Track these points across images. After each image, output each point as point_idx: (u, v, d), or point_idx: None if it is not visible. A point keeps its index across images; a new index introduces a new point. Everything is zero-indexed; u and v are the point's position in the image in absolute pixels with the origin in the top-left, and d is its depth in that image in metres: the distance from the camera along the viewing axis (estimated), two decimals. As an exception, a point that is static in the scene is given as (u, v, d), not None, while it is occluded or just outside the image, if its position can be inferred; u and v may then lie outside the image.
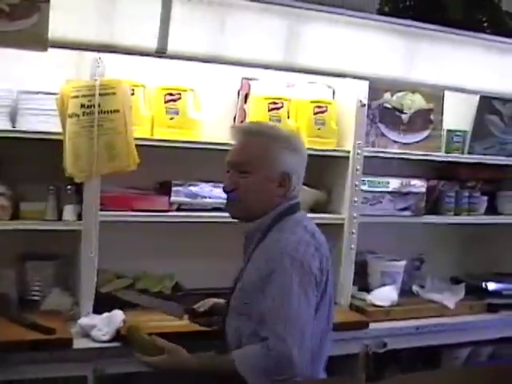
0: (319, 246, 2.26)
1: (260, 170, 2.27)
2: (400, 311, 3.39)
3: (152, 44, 2.77)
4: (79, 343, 2.70)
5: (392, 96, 3.53)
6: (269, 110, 3.22)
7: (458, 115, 3.77)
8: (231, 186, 2.31)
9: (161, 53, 2.78)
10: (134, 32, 2.74)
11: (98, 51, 2.75)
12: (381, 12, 3.61)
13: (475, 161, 3.75)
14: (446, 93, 3.64)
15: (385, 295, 3.41)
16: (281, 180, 2.29)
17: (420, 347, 3.41)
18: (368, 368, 3.22)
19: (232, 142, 2.43)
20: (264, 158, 2.27)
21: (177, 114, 3.08)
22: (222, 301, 2.61)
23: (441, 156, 3.68)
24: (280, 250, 2.19)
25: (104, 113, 2.83)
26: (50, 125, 2.86)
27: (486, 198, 3.88)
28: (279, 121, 3.21)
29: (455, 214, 3.73)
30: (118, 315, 2.82)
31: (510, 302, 3.67)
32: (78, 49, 2.71)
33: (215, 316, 2.60)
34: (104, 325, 2.78)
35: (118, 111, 2.85)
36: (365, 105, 3.33)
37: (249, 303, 2.22)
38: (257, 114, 3.22)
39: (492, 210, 3.94)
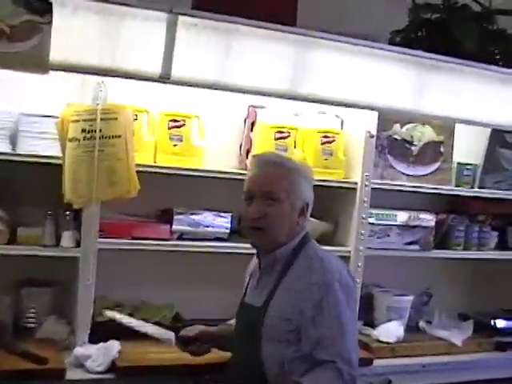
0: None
1: (287, 199, 2.32)
2: (406, 348, 3.29)
3: (156, 69, 2.71)
4: (72, 374, 2.63)
5: (402, 127, 3.46)
6: (275, 139, 3.17)
7: (468, 148, 3.70)
8: (259, 213, 2.31)
9: (165, 78, 2.72)
10: (137, 56, 2.68)
11: (100, 75, 2.69)
12: (392, 42, 3.56)
13: (486, 195, 3.66)
14: (457, 125, 3.57)
15: (390, 331, 3.32)
16: (301, 210, 2.37)
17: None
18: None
19: (249, 171, 2.45)
20: (292, 189, 2.33)
21: (180, 140, 3.02)
22: (210, 329, 2.66)
23: (451, 189, 3.60)
24: (327, 276, 2.24)
25: (105, 138, 2.77)
26: (51, 148, 2.81)
27: (496, 233, 3.79)
28: (285, 150, 3.15)
29: (464, 249, 3.65)
30: (113, 346, 2.75)
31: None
32: (80, 72, 2.64)
33: (205, 344, 2.62)
34: (99, 355, 2.70)
35: (119, 137, 2.79)
36: (373, 136, 3.27)
37: (294, 330, 2.22)
38: (263, 142, 3.16)
39: (502, 245, 3.84)
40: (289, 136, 3.18)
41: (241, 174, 3.12)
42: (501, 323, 3.62)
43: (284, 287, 2.31)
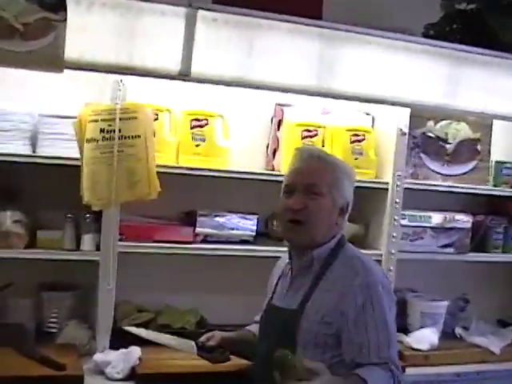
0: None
1: (329, 194, 2.21)
2: (440, 356, 3.14)
3: (175, 66, 2.63)
4: (91, 381, 2.56)
5: (435, 125, 3.32)
6: (302, 138, 3.06)
7: (507, 146, 3.54)
8: (300, 204, 2.19)
9: (184, 76, 2.63)
10: (155, 53, 2.60)
11: (117, 73, 2.62)
12: (426, 36, 3.41)
13: (522, 194, 3.50)
14: (495, 122, 3.41)
15: (424, 338, 3.17)
16: (341, 209, 2.26)
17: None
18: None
19: (290, 165, 2.31)
20: (334, 184, 2.23)
21: (203, 140, 2.93)
22: (229, 334, 2.52)
23: (488, 189, 3.44)
24: (370, 278, 2.13)
25: (124, 138, 2.70)
26: (71, 150, 2.74)
27: (537, 234, 3.61)
28: (313, 150, 3.03)
29: (503, 252, 3.48)
30: (134, 352, 2.68)
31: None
32: (96, 70, 2.57)
33: (226, 351, 2.47)
34: (119, 362, 2.63)
35: (139, 137, 2.71)
36: (405, 133, 3.13)
37: (333, 334, 2.11)
38: (290, 141, 3.05)
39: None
40: (316, 135, 3.07)
41: (267, 174, 3.03)
42: (541, 330, 3.44)
43: (322, 288, 2.18)
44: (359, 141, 3.14)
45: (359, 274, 2.13)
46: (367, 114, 3.27)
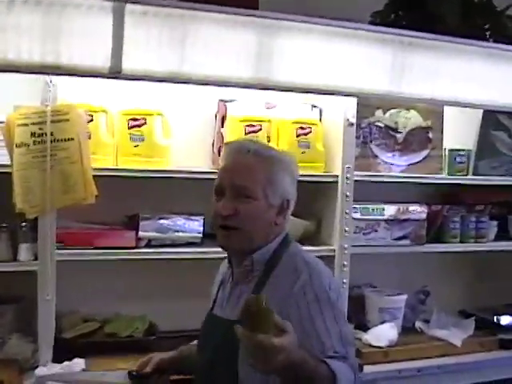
0: None
1: (264, 195, 2.00)
2: (400, 351, 3.05)
3: (104, 63, 2.50)
4: (32, 397, 2.43)
5: (384, 113, 3.22)
6: (246, 133, 2.94)
7: (459, 133, 3.45)
8: (230, 210, 1.98)
9: (115, 73, 2.51)
10: (82, 51, 2.46)
11: (44, 73, 2.50)
12: (372, 24, 3.32)
13: (482, 182, 3.42)
14: (446, 108, 3.33)
15: (383, 334, 3.08)
16: (280, 207, 2.04)
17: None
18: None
19: (221, 162, 2.13)
20: (269, 183, 2.00)
21: (142, 140, 2.81)
22: (170, 354, 2.33)
23: (443, 178, 3.36)
24: (315, 280, 1.93)
25: (57, 141, 2.58)
26: (2, 157, 2.61)
27: (495, 222, 3.53)
28: (257, 145, 2.92)
29: (461, 242, 3.39)
30: (78, 364, 2.56)
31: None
32: (20, 72, 2.43)
33: (163, 375, 2.30)
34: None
35: (72, 139, 2.60)
36: (353, 124, 3.02)
37: None
38: (234, 137, 2.92)
39: (503, 235, 3.59)
40: (260, 129, 2.96)
41: (211, 172, 2.91)
42: (505, 320, 3.38)
43: (266, 295, 1.93)
44: (305, 134, 3.03)
45: (302, 276, 1.93)
46: (314, 107, 3.16)
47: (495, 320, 3.37)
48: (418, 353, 3.08)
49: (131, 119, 2.81)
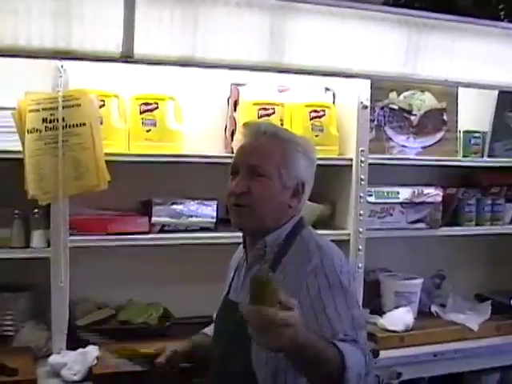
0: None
1: (278, 175, 1.97)
2: (416, 336, 3.02)
3: (116, 48, 2.47)
4: (46, 385, 2.42)
5: (398, 96, 3.18)
6: (259, 117, 2.90)
7: (474, 115, 3.41)
8: (242, 188, 1.97)
9: (126, 57, 2.47)
10: (94, 36, 2.43)
11: (55, 58, 2.47)
12: (386, 4, 3.27)
13: (497, 164, 3.38)
14: (460, 90, 3.28)
15: (399, 318, 3.06)
16: (295, 190, 2.01)
17: (440, 376, 3.04)
18: (381, 401, 2.87)
19: (239, 143, 2.11)
20: (283, 163, 1.98)
21: (154, 125, 2.78)
22: (179, 348, 2.28)
23: (458, 160, 3.32)
24: (327, 262, 1.90)
25: (69, 127, 2.56)
26: (14, 143, 2.58)
27: (511, 204, 3.49)
28: (270, 129, 2.89)
29: (477, 225, 3.36)
30: (91, 352, 2.54)
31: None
32: (31, 57, 2.41)
33: (174, 367, 2.26)
34: (75, 363, 2.49)
35: (84, 125, 2.58)
36: (367, 107, 2.99)
37: None
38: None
39: (519, 218, 3.55)
40: (273, 113, 2.92)
41: (224, 157, 2.89)
42: (521, 303, 3.32)
43: (278, 279, 1.86)
44: (319, 117, 2.99)
45: (313, 259, 1.90)
46: (327, 90, 3.12)
47: (512, 304, 3.33)
48: (434, 337, 3.05)
49: (143, 104, 2.78)
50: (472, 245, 3.57)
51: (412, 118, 3.21)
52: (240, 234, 2.15)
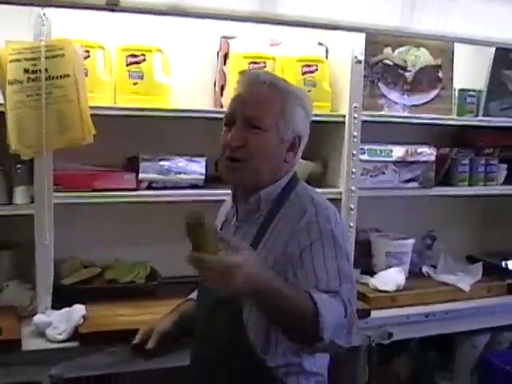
0: None
1: (276, 128, 1.90)
2: (407, 296, 2.99)
3: (101, -5, 2.36)
4: (30, 344, 2.35)
5: (393, 51, 3.08)
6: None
7: (470, 72, 3.33)
8: (238, 141, 1.88)
9: (112, 5, 2.36)
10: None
11: (38, 5, 2.35)
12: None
13: (492, 124, 3.31)
14: (456, 46, 3.19)
15: (390, 278, 3.02)
16: (292, 143, 1.94)
17: (431, 336, 3.04)
18: (372, 362, 2.83)
19: (235, 92, 2.01)
20: (282, 116, 1.91)
21: (141, 78, 2.68)
22: (166, 324, 2.22)
23: (452, 119, 3.23)
24: (321, 217, 1.84)
25: (52, 78, 2.45)
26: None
27: (505, 165, 3.44)
28: (262, 83, 2.80)
29: (470, 185, 3.30)
30: (77, 311, 2.47)
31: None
32: (11, 3, 2.30)
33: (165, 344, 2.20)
34: (61, 322, 2.43)
35: (68, 76, 2.46)
36: (361, 61, 2.90)
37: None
38: (236, 75, 2.81)
39: (512, 178, 3.51)
40: (265, 67, 2.82)
41: (214, 112, 2.79)
42: (512, 264, 3.30)
43: (270, 236, 1.88)
44: (311, 72, 2.90)
45: (307, 213, 1.84)
46: (320, 44, 3.02)
47: (503, 265, 3.31)
48: (425, 298, 3.02)
49: (130, 55, 2.67)
50: (464, 205, 3.53)
51: (406, 74, 3.12)
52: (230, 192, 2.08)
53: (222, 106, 2.91)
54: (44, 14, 2.42)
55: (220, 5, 2.52)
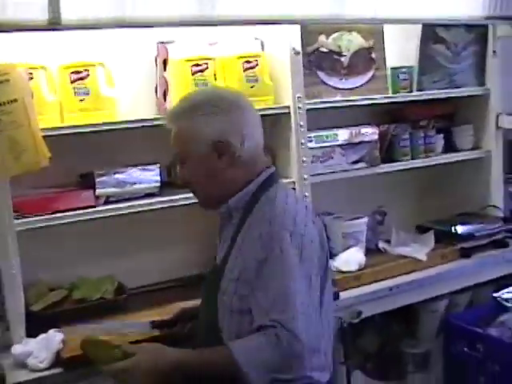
0: (313, 216, 2.00)
1: (190, 152, 1.97)
2: (370, 273, 3.06)
3: (42, 15, 2.31)
4: (14, 377, 2.30)
5: (327, 38, 3.14)
6: (192, 74, 2.81)
7: (400, 50, 3.43)
8: (182, 178, 2.06)
9: (54, 24, 2.32)
10: (17, 4, 2.28)
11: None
12: None
13: (426, 97, 3.43)
14: (386, 26, 3.28)
15: (351, 259, 3.08)
16: (216, 151, 1.95)
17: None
18: (346, 342, 2.91)
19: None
20: (187, 137, 1.96)
21: (87, 94, 2.65)
22: (189, 304, 2.34)
23: (389, 97, 3.32)
24: (275, 226, 1.86)
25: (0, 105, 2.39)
26: None
27: (441, 135, 3.57)
28: (206, 84, 2.81)
29: (412, 159, 3.41)
30: (55, 336, 2.42)
31: (482, 243, 3.39)
32: None
33: (188, 323, 2.28)
34: (40, 350, 2.37)
35: (15, 101, 2.40)
36: (299, 52, 2.95)
37: (247, 294, 1.85)
38: (180, 79, 2.82)
39: (449, 147, 3.63)
40: (207, 68, 2.83)
41: (158, 119, 2.77)
42: (461, 228, 3.43)
43: (243, 240, 1.94)
44: (252, 67, 2.92)
45: (264, 221, 1.88)
46: (256, 39, 3.05)
47: (453, 230, 3.42)
48: (387, 272, 3.10)
49: (73, 72, 2.63)
50: (406, 178, 3.62)
51: (342, 59, 3.18)
52: (186, 195, 2.32)
53: (166, 112, 2.91)
54: (-17, 40, 2.37)
55: (161, 13, 2.53)
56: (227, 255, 1.97)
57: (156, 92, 2.97)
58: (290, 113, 2.99)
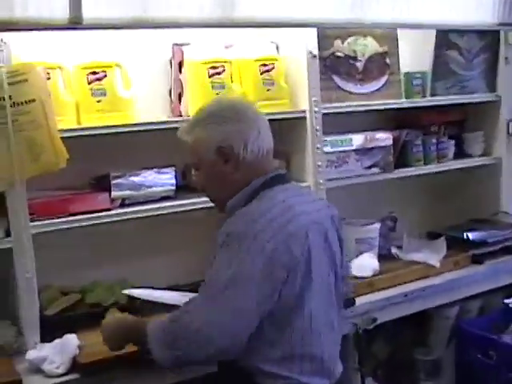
0: (293, 220, 1.95)
1: (201, 159, 2.07)
2: (385, 279, 3.05)
3: (63, 14, 2.28)
4: (31, 383, 2.25)
5: (343, 43, 3.13)
6: (209, 76, 2.79)
7: (414, 55, 3.43)
8: (198, 186, 2.17)
9: (76, 23, 2.29)
10: (38, 2, 2.24)
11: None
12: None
13: (439, 103, 3.43)
14: (400, 32, 3.28)
15: (365, 264, 3.06)
16: (221, 156, 2.03)
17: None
18: (361, 349, 2.89)
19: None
20: (199, 146, 2.06)
21: (104, 95, 2.61)
22: None
23: (403, 102, 3.32)
24: (232, 227, 1.94)
25: (17, 105, 2.35)
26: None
27: (453, 141, 3.57)
28: (223, 87, 2.79)
29: (425, 164, 3.40)
30: (71, 340, 2.37)
31: (494, 249, 3.39)
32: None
33: None
34: (56, 355, 2.32)
35: (33, 101, 2.37)
36: (315, 56, 2.93)
37: None
38: (196, 82, 2.80)
39: (460, 153, 3.63)
40: (224, 71, 2.81)
41: (175, 122, 2.74)
42: (473, 235, 3.41)
43: None
44: (269, 71, 2.91)
45: (237, 218, 1.96)
46: (272, 43, 3.03)
47: (465, 237, 3.40)
48: (401, 278, 3.09)
49: (90, 73, 2.60)
50: (417, 184, 3.61)
51: (357, 64, 3.17)
52: (202, 199, 2.41)
53: (180, 115, 2.88)
54: (1, 39, 2.32)
55: (182, 13, 2.50)
56: None
57: (170, 94, 2.94)
58: (306, 117, 2.97)
